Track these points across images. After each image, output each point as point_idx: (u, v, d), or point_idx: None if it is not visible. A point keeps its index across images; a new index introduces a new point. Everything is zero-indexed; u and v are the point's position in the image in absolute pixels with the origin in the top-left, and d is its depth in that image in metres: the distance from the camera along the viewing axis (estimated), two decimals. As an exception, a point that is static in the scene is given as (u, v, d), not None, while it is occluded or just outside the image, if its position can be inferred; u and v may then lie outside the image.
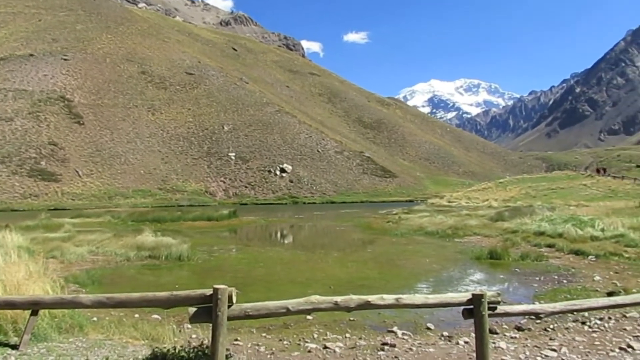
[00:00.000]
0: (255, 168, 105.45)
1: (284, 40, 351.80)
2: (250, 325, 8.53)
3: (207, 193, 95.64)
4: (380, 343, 7.32)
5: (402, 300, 4.95)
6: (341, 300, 4.83)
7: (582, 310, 6.05)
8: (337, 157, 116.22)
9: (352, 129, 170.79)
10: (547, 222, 22.76)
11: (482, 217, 29.54)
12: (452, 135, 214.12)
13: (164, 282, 13.67)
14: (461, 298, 5.00)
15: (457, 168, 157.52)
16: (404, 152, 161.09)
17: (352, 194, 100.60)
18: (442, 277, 14.60)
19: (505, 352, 6.73)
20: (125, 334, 7.09)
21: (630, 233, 17.56)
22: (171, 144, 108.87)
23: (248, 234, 32.76)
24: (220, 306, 4.35)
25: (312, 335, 8.07)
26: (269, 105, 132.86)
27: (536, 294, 11.44)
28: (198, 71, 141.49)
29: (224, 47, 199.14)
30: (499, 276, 14.26)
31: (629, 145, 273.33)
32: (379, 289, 11.77)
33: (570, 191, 46.25)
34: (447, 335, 7.80)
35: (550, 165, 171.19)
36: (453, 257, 18.35)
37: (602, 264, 14.99)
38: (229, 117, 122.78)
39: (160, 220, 36.49)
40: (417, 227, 28.59)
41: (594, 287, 11.78)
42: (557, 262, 15.76)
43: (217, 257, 19.07)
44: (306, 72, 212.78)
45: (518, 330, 8.15)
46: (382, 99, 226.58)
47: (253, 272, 15.55)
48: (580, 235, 18.83)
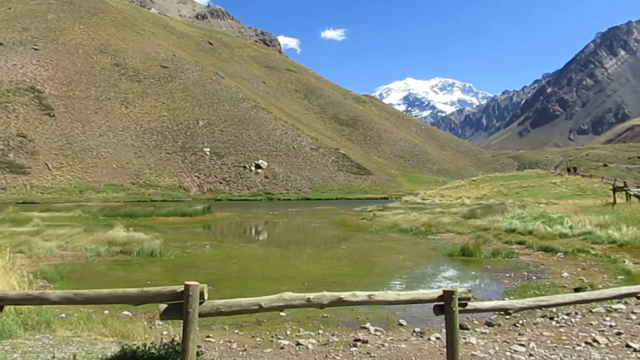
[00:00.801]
0: (230, 164, 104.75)
1: (261, 35, 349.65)
2: (223, 322, 8.47)
3: (181, 188, 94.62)
4: (352, 339, 7.35)
5: (375, 297, 4.96)
6: (314, 296, 4.82)
7: (549, 306, 6.18)
8: (312, 153, 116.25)
9: (328, 125, 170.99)
10: (517, 220, 23.16)
11: (455, 215, 29.90)
12: (426, 134, 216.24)
13: (136, 278, 13.47)
14: (432, 295, 5.04)
15: (432, 166, 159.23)
16: (379, 149, 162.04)
17: (327, 190, 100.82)
18: (415, 274, 14.74)
19: (476, 347, 6.83)
20: (94, 330, 6.96)
21: (597, 231, 17.99)
22: (145, 138, 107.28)
23: (222, 230, 32.53)
24: (191, 303, 4.29)
25: (285, 331, 8.06)
26: (245, 101, 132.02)
27: (506, 290, 11.64)
28: (173, 65, 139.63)
29: (200, 41, 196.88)
30: (471, 273, 14.47)
31: (597, 144, 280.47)
32: (353, 285, 11.83)
33: (541, 189, 47.18)
34: (419, 332, 7.87)
35: (521, 163, 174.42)
36: (426, 254, 18.54)
37: (570, 260, 15.34)
38: (204, 112, 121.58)
39: (132, 215, 35.98)
40: (392, 224, 28.80)
41: (562, 284, 12.05)
42: (527, 259, 16.06)
43: (190, 253, 18.89)
44: (283, 68, 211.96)
45: (488, 326, 8.28)
46: (358, 96, 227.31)
47: (226, 268, 15.45)
48: (550, 232, 19.22)
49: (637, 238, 15.89)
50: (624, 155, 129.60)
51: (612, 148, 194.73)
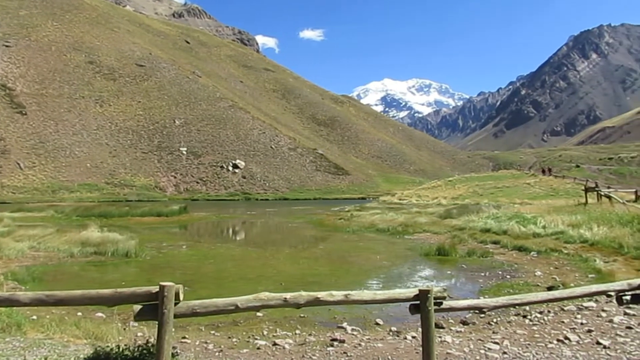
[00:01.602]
0: (207, 163, 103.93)
1: (239, 34, 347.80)
2: (199, 323, 8.40)
3: (157, 188, 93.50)
4: (329, 339, 7.36)
5: (351, 297, 4.98)
6: (290, 296, 4.81)
7: (522, 304, 6.28)
8: (290, 153, 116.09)
9: (306, 125, 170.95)
10: (492, 220, 23.48)
11: (431, 215, 30.18)
12: (404, 134, 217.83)
13: (110, 279, 13.27)
14: (408, 294, 5.08)
15: (409, 166, 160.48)
16: (356, 149, 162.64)
17: (305, 190, 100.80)
18: (392, 274, 14.85)
19: (451, 345, 6.91)
20: (66, 332, 6.83)
21: (569, 230, 18.36)
22: (120, 137, 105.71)
23: (199, 230, 32.26)
24: (166, 304, 4.24)
25: (262, 332, 8.04)
26: (222, 100, 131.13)
27: (481, 289, 11.81)
28: (149, 63, 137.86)
29: (177, 39, 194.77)
30: (447, 272, 14.63)
31: (570, 146, 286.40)
32: (330, 285, 11.85)
33: (515, 190, 47.95)
34: (396, 331, 7.92)
35: (496, 164, 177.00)
36: (403, 253, 18.68)
37: (543, 259, 15.63)
38: (180, 111, 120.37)
39: (107, 215, 35.41)
40: (369, 224, 28.93)
41: (535, 282, 12.27)
42: (502, 258, 16.31)
43: (166, 253, 18.69)
44: (260, 68, 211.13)
45: (463, 325, 8.39)
46: (336, 97, 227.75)
47: (203, 268, 15.34)
48: (524, 232, 19.54)
49: (607, 238, 16.25)
50: (596, 156, 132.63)
51: (584, 149, 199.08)
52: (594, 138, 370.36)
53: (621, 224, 17.43)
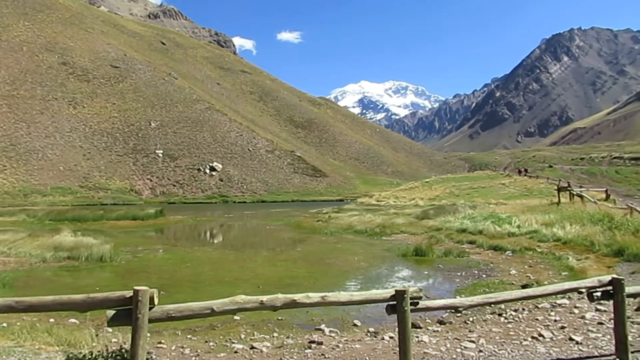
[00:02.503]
0: (184, 166, 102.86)
1: (215, 36, 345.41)
2: (175, 327, 8.30)
3: (133, 191, 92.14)
4: (307, 341, 7.35)
5: (328, 298, 4.99)
6: (267, 299, 4.79)
7: (497, 302, 6.37)
8: (268, 156, 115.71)
9: (284, 128, 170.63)
10: (468, 220, 23.78)
11: (408, 216, 30.40)
12: (381, 136, 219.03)
13: (84, 284, 13.02)
14: (385, 294, 5.11)
15: (386, 168, 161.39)
16: (334, 151, 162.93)
17: (282, 193, 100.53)
18: (370, 275, 14.90)
19: (428, 345, 6.96)
20: (38, 339, 6.67)
21: (543, 229, 18.71)
22: (94, 140, 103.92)
23: (175, 233, 31.91)
24: (140, 308, 4.18)
25: (239, 335, 7.98)
26: (199, 102, 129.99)
27: (458, 289, 11.94)
28: (124, 64, 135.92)
29: (152, 40, 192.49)
30: (424, 272, 14.75)
31: (543, 146, 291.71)
32: (308, 287, 11.83)
33: (491, 190, 48.64)
34: (373, 331, 7.95)
35: (472, 165, 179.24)
36: (381, 254, 18.77)
37: (518, 258, 15.88)
38: (156, 113, 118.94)
39: (81, 219, 34.74)
40: (347, 225, 28.99)
41: (510, 281, 12.46)
42: (478, 258, 16.52)
43: (141, 257, 18.43)
44: (237, 70, 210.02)
45: (440, 324, 8.46)
46: (313, 99, 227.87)
47: (180, 272, 15.16)
48: (499, 231, 19.85)
49: (579, 236, 16.62)
50: (568, 156, 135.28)
51: (557, 150, 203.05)
52: (566, 139, 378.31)
53: (592, 223, 17.84)
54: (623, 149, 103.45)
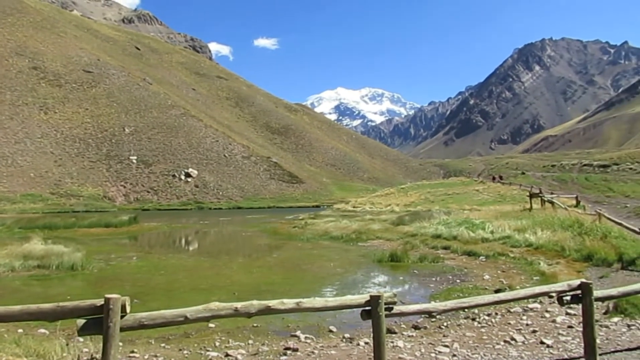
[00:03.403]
0: (158, 172, 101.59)
1: (191, 41, 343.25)
2: (149, 336, 8.17)
3: (106, 198, 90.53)
4: (283, 348, 7.33)
5: (303, 304, 4.98)
6: (241, 306, 4.76)
7: (470, 307, 6.45)
8: (244, 162, 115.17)
9: (260, 134, 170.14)
10: (443, 226, 24.03)
11: (384, 222, 30.57)
12: (357, 142, 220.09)
13: (54, 293, 12.72)
14: (360, 300, 5.14)
15: (362, 174, 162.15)
16: (310, 158, 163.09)
17: (259, 199, 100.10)
18: (346, 281, 14.93)
19: (403, 350, 7.01)
20: (5, 351, 6.48)
21: (516, 235, 19.03)
22: (66, 146, 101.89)
23: (150, 240, 31.45)
24: (111, 317, 4.11)
25: (214, 343, 7.90)
26: (174, 108, 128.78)
27: (432, 294, 12.04)
28: (97, 69, 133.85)
29: (126, 45, 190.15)
30: (399, 278, 14.84)
31: (516, 153, 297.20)
32: (284, 294, 11.78)
33: (465, 196, 49.27)
34: (349, 337, 7.96)
35: (447, 171, 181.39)
36: (356, 260, 18.82)
37: (491, 263, 16.11)
38: (130, 119, 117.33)
39: (51, 226, 33.92)
40: (323, 231, 29.00)
41: (483, 286, 12.63)
42: (452, 263, 16.70)
43: (114, 265, 18.11)
44: (213, 75, 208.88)
45: (415, 329, 8.53)
46: (289, 105, 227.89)
47: (154, 280, 14.95)
48: (473, 237, 20.10)
49: (550, 241, 16.95)
50: (540, 163, 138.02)
51: (529, 157, 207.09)
52: (538, 146, 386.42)
53: (563, 228, 18.23)
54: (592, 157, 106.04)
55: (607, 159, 76.15)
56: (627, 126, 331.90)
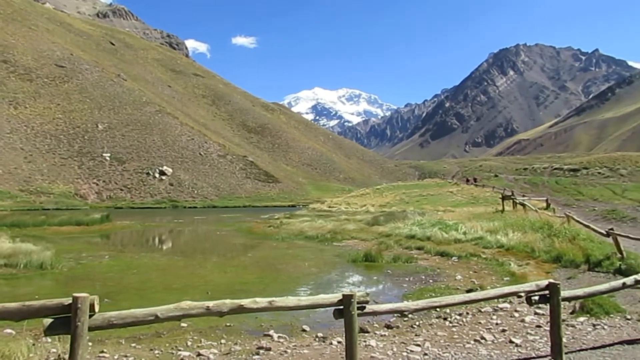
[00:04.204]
0: (132, 170, 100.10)
1: (167, 38, 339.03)
2: (119, 336, 8.05)
3: (77, 196, 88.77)
4: (255, 347, 7.31)
5: (275, 303, 4.98)
6: (213, 305, 4.74)
7: (441, 306, 6.55)
8: (219, 160, 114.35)
9: (236, 132, 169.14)
10: (417, 226, 24.26)
11: (359, 222, 30.72)
12: (333, 143, 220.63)
13: (22, 293, 12.43)
14: (332, 299, 5.16)
15: (338, 174, 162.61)
16: (287, 157, 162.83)
17: (234, 198, 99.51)
18: (321, 280, 14.96)
19: (375, 349, 7.06)
20: (-31, 351, 6.32)
21: (488, 236, 19.33)
22: (36, 142, 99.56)
23: (122, 239, 30.98)
24: (80, 316, 4.04)
25: (186, 342, 7.82)
26: (149, 105, 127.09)
27: (405, 294, 12.15)
28: (70, 64, 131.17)
29: (101, 40, 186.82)
30: (373, 278, 14.93)
31: (490, 156, 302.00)
32: (258, 293, 11.74)
33: (439, 197, 49.86)
34: (322, 336, 7.98)
35: (422, 173, 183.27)
36: (331, 260, 18.87)
37: (464, 264, 16.33)
38: (104, 115, 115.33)
39: (20, 224, 33.11)
40: (298, 231, 29.00)
41: (455, 286, 12.79)
42: (425, 264, 16.87)
43: (85, 264, 17.78)
44: (190, 73, 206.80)
45: (387, 328, 8.59)
46: (266, 104, 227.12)
47: (126, 279, 14.74)
48: (446, 238, 20.35)
49: (521, 243, 17.27)
50: (512, 166, 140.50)
51: (502, 160, 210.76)
52: (511, 149, 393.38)
53: (533, 230, 18.59)
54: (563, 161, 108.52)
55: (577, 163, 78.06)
56: (597, 132, 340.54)
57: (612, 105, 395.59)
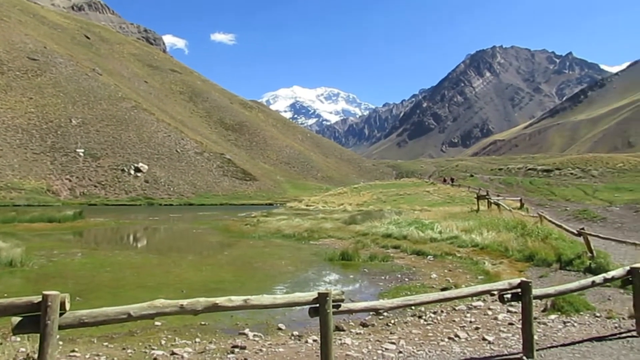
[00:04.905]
0: (106, 166, 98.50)
1: (144, 33, 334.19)
2: (91, 335, 7.92)
3: (50, 192, 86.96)
4: (230, 346, 7.26)
5: (251, 301, 4.96)
6: (187, 303, 4.69)
7: (416, 304, 6.60)
8: (196, 158, 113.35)
9: (214, 130, 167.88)
10: (394, 225, 24.42)
11: (336, 221, 30.77)
12: (312, 141, 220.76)
13: (-10, 290, 12.12)
14: (308, 297, 5.16)
15: (316, 173, 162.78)
16: (265, 155, 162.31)
17: (211, 196, 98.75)
18: (297, 279, 14.94)
19: (350, 347, 7.09)
20: None
21: (463, 235, 19.57)
22: (7, 136, 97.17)
23: (96, 237, 30.47)
24: (49, 314, 3.96)
25: (160, 341, 7.73)
26: (125, 100, 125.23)
27: (381, 292, 12.21)
28: (43, 57, 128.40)
29: (75, 33, 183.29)
30: (350, 276, 14.97)
31: (466, 156, 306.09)
32: (234, 291, 11.67)
33: (416, 197, 50.29)
34: (297, 335, 7.98)
35: (399, 172, 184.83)
36: (308, 259, 18.86)
37: (439, 263, 16.49)
38: (78, 110, 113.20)
39: (-11, 221, 32.35)
40: (275, 230, 28.92)
41: (430, 284, 12.91)
42: (401, 262, 16.98)
43: (57, 262, 17.42)
44: (167, 69, 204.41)
45: (363, 327, 8.63)
46: (245, 102, 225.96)
47: (98, 277, 14.48)
48: (422, 237, 20.52)
49: (495, 242, 17.53)
50: (488, 167, 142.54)
51: (478, 160, 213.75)
52: (486, 150, 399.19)
53: (507, 229, 18.90)
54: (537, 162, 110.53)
55: (551, 164, 79.57)
56: (570, 133, 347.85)
57: (585, 107, 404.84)
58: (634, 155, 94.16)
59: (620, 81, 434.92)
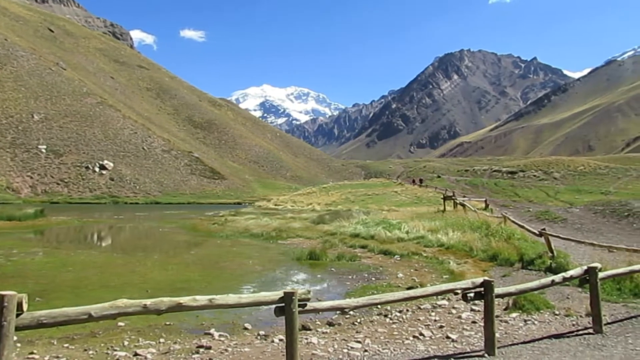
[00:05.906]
0: (70, 163, 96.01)
1: (111, 27, 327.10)
2: (51, 336, 7.72)
3: (10, 189, 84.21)
4: (195, 346, 7.20)
5: (216, 301, 4.92)
6: (150, 303, 4.61)
7: (381, 303, 6.67)
8: (164, 156, 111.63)
9: (182, 127, 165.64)
10: (362, 225, 24.59)
11: (305, 220, 30.79)
12: (281, 140, 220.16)
13: (-56, 291, 11.64)
14: (273, 296, 5.15)
15: (285, 172, 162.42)
16: (233, 154, 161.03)
17: (178, 194, 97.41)
18: (264, 278, 14.88)
19: (316, 346, 7.11)
20: None
21: (429, 235, 19.86)
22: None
23: (58, 235, 29.66)
24: (5, 315, 3.84)
25: (123, 342, 7.59)
26: (90, 96, 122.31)
27: (348, 292, 12.28)
28: (4, 50, 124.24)
29: (39, 26, 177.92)
30: (317, 276, 14.99)
31: (433, 158, 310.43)
32: (200, 291, 11.56)
33: (384, 197, 50.74)
34: (264, 334, 7.95)
35: (368, 173, 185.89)
36: (276, 258, 18.81)
37: (406, 262, 16.68)
38: (40, 106, 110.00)
39: (-56, 219, 31.14)
40: (243, 229, 28.76)
41: (397, 284, 13.05)
42: (369, 262, 17.11)
43: (16, 261, 16.90)
44: (134, 64, 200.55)
45: (329, 326, 8.66)
46: (214, 100, 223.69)
47: (60, 277, 14.11)
48: (389, 237, 20.72)
49: (460, 242, 17.85)
50: (455, 168, 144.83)
51: (445, 161, 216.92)
52: (453, 151, 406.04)
53: (472, 230, 19.27)
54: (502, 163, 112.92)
55: (515, 166, 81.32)
56: (533, 136, 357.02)
57: (548, 111, 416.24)
58: (594, 159, 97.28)
59: (582, 86, 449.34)
